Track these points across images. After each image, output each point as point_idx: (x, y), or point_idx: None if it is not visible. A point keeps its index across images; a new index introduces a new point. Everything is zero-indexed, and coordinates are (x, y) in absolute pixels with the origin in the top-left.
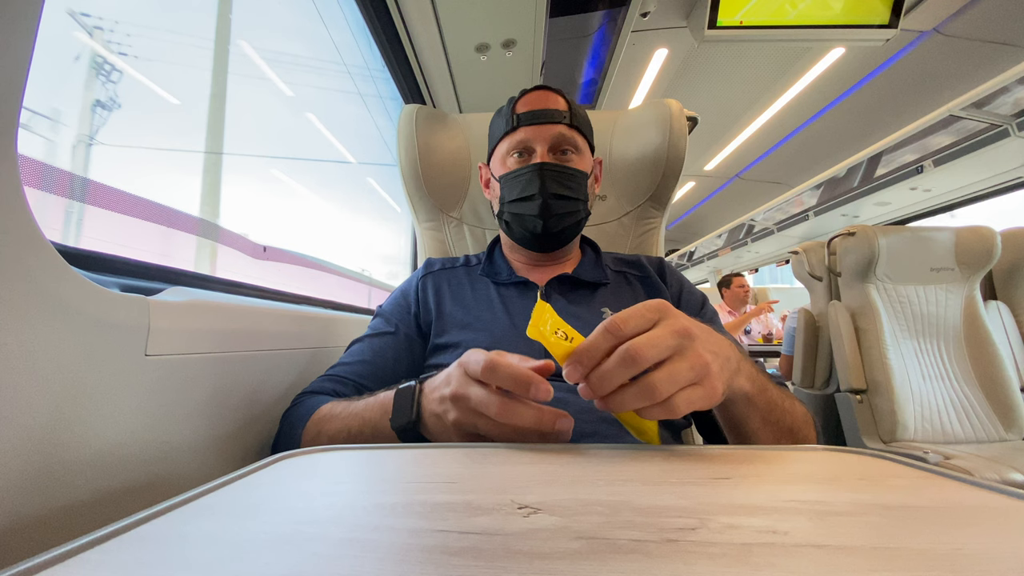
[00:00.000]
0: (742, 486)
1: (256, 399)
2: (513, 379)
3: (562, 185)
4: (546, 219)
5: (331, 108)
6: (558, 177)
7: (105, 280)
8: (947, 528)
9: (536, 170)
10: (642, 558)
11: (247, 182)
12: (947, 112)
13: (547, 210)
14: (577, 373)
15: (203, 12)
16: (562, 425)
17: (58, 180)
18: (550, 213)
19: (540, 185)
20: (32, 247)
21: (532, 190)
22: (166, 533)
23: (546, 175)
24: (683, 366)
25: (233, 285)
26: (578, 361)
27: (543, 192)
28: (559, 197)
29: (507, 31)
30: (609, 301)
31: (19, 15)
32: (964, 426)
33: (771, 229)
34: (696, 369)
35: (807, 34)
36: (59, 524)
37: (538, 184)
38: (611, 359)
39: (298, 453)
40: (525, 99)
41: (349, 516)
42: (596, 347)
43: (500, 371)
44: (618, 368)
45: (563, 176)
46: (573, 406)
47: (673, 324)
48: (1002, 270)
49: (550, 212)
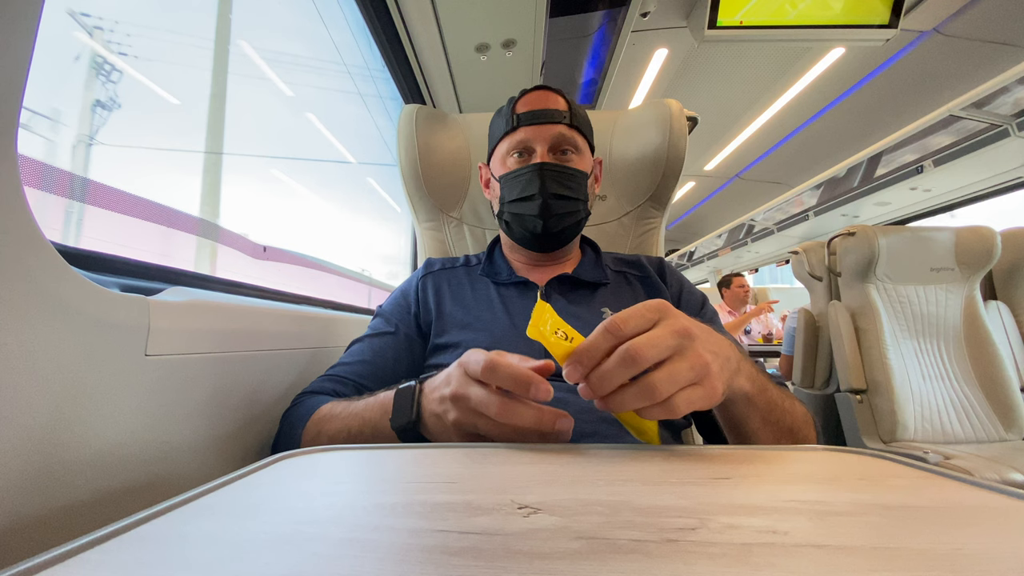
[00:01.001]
0: (742, 486)
1: (256, 399)
2: (513, 379)
3: (562, 185)
4: (546, 219)
5: (331, 108)
6: (558, 177)
7: (105, 280)
8: (947, 528)
9: (536, 170)
10: (642, 558)
11: (247, 182)
12: (947, 112)
13: (547, 210)
14: (577, 373)
15: (203, 12)
16: (562, 425)
17: (58, 180)
18: (550, 213)
19: (540, 185)
20: (32, 247)
21: (532, 190)
22: (166, 533)
23: (546, 175)
24: (683, 366)
25: (233, 285)
26: (578, 361)
27: (543, 192)
28: (559, 197)
29: (507, 31)
30: (609, 301)
31: (19, 15)
32: (964, 426)
33: (771, 229)
34: (696, 369)
35: (807, 34)
36: (59, 524)
37: (538, 184)
38: (611, 359)
39: (298, 453)
40: (525, 99)
41: (349, 516)
42: (596, 347)
43: (500, 371)
44: (618, 368)
45: (563, 176)
46: (573, 406)
47: (673, 324)
48: (1002, 270)
49: (550, 212)
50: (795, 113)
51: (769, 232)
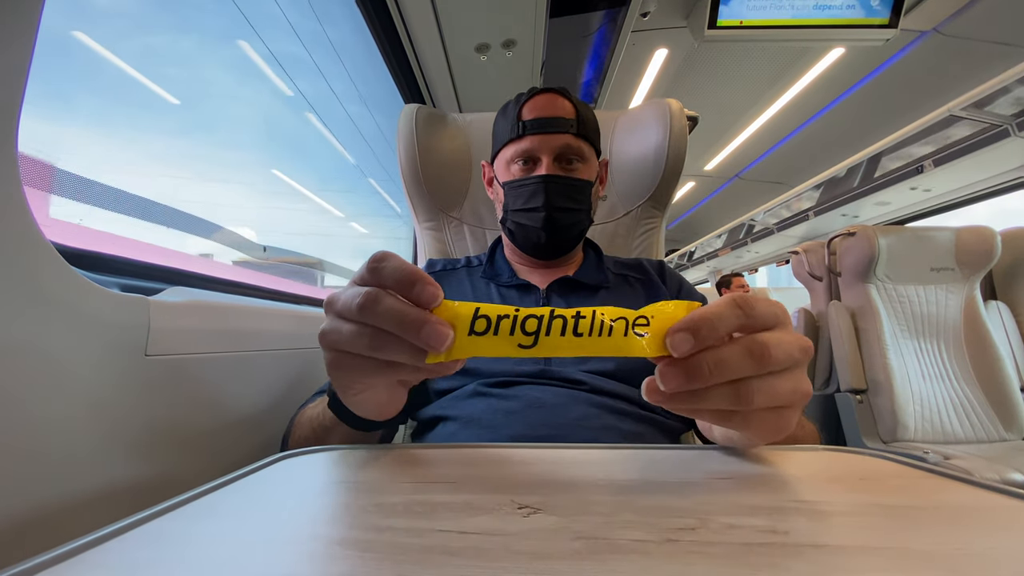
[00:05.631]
0: (742, 486)
1: (256, 399)
2: (400, 272)
3: (567, 197)
4: (550, 232)
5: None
6: (563, 190)
7: (105, 280)
8: (947, 528)
9: (541, 182)
10: (642, 558)
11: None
12: (947, 112)
13: (551, 223)
14: (687, 345)
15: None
16: (430, 332)
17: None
18: (554, 226)
19: (545, 199)
20: (32, 247)
21: (536, 203)
22: (166, 533)
23: (551, 188)
24: (788, 387)
25: (233, 285)
26: (695, 330)
27: (547, 206)
28: (563, 210)
29: (507, 31)
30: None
31: (19, 15)
32: (964, 426)
33: (771, 229)
34: (797, 396)
35: (807, 34)
36: (59, 524)
37: (543, 198)
38: (736, 347)
39: (298, 453)
40: (532, 103)
41: (348, 516)
42: (723, 320)
43: (388, 265)
44: (743, 360)
45: (568, 189)
46: (564, 413)
47: (800, 337)
48: (1002, 270)
49: (554, 225)
50: (795, 113)
51: (769, 232)
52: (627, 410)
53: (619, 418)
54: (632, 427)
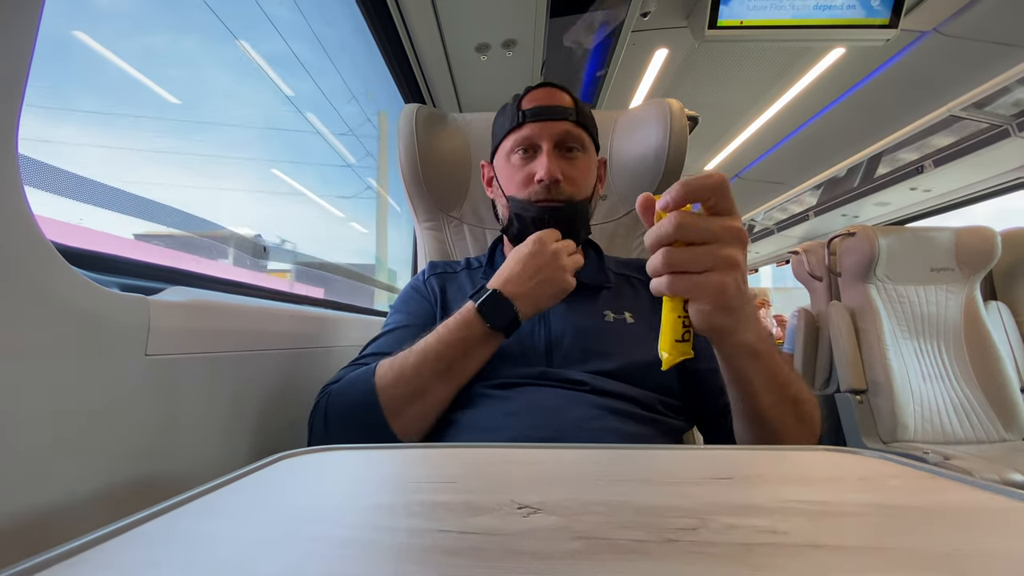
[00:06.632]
0: (742, 486)
1: (256, 399)
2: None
3: (569, 223)
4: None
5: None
6: (565, 218)
7: (105, 280)
8: (947, 528)
9: (546, 211)
10: (642, 558)
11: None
12: (947, 112)
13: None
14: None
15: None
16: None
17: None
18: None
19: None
20: (32, 247)
21: (540, 227)
22: (166, 533)
23: (552, 216)
24: (708, 253)
25: (233, 285)
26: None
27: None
28: (565, 234)
29: (507, 31)
30: (611, 304)
31: (19, 15)
32: (964, 426)
33: (771, 229)
34: (718, 260)
35: (807, 34)
36: (59, 524)
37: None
38: (668, 221)
39: (298, 453)
40: (531, 95)
41: (349, 516)
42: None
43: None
44: (676, 230)
45: (570, 218)
46: (564, 415)
47: (731, 225)
48: (1002, 270)
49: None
50: (795, 113)
51: (769, 232)
52: (629, 411)
53: (620, 419)
54: (634, 428)
